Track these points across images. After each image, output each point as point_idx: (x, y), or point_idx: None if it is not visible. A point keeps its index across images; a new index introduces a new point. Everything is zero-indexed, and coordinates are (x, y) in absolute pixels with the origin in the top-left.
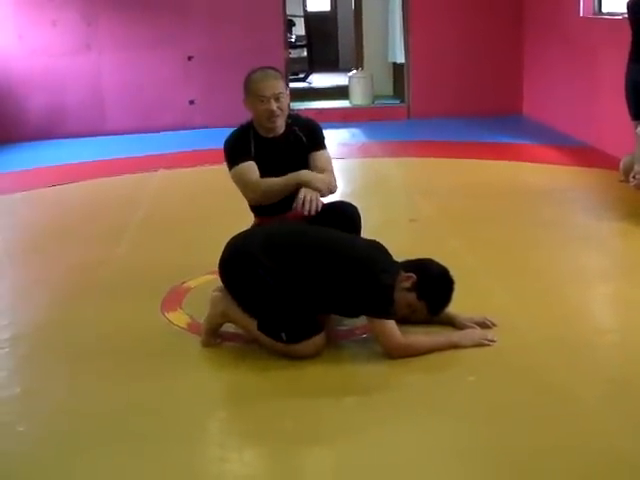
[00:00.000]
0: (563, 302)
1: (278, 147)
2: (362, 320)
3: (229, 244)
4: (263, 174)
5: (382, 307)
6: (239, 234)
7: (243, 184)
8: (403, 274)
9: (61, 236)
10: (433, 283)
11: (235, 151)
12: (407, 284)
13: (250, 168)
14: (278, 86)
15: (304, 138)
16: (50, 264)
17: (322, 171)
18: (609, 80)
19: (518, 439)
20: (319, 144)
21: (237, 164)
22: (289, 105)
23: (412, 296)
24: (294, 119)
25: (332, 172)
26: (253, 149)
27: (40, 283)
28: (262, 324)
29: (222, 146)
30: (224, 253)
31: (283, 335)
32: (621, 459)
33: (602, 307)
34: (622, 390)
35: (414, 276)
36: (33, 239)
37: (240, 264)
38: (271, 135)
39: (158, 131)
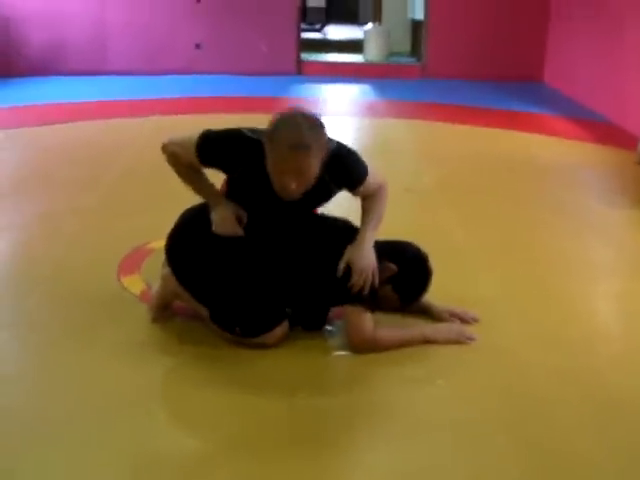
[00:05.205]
0: (558, 296)
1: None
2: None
3: (180, 223)
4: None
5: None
6: (193, 208)
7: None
8: (385, 263)
9: (35, 180)
10: (410, 277)
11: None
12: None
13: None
14: (308, 162)
15: (335, 189)
16: (16, 210)
17: (370, 206)
18: (636, 53)
19: (475, 457)
20: (357, 183)
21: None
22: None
23: (388, 288)
24: (329, 166)
25: (376, 193)
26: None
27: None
28: (214, 315)
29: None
30: (172, 233)
31: (238, 329)
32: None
33: (601, 305)
34: (610, 409)
35: (394, 268)
36: (5, 181)
37: (189, 245)
38: None
39: (161, 74)
